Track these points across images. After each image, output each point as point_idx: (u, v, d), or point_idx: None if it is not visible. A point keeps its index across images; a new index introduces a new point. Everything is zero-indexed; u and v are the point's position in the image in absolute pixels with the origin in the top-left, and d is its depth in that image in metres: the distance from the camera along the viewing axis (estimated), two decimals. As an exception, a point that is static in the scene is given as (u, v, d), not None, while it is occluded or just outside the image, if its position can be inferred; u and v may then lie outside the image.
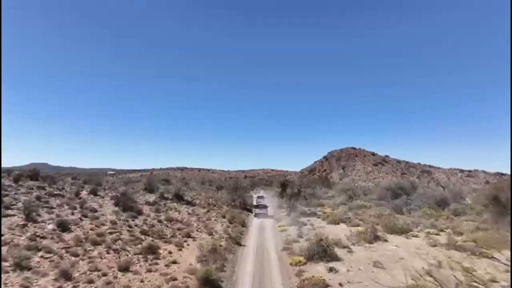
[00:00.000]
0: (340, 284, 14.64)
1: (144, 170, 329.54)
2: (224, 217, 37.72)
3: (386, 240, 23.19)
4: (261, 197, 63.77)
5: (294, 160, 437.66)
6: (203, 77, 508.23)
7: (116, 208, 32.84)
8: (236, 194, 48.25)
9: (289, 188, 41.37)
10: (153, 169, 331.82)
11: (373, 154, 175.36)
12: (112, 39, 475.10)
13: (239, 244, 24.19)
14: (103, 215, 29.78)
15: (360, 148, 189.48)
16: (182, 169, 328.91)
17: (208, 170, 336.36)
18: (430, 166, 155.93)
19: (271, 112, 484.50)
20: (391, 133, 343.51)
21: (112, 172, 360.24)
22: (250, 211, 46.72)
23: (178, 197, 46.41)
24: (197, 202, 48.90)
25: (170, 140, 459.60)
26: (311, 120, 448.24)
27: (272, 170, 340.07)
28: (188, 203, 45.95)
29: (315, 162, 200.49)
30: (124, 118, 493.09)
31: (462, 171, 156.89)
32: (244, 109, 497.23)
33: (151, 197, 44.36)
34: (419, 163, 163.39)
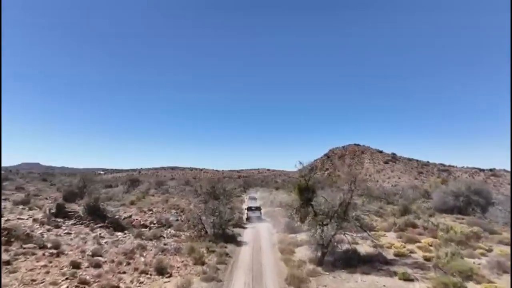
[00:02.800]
0: None
1: (133, 170, 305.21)
2: (162, 272, 14.38)
3: None
4: (253, 198, 55.95)
5: (290, 159, 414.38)
6: (196, 74, 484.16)
7: None
8: (214, 208, 24.39)
9: (317, 198, 17.39)
10: (141, 168, 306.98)
11: (380, 151, 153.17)
12: (102, 38, 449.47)
13: None
14: None
15: (364, 145, 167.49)
16: (173, 168, 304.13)
17: (201, 169, 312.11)
18: (442, 165, 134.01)
19: (266, 110, 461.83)
20: (389, 130, 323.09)
21: (102, 172, 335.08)
22: (235, 240, 23.16)
23: (95, 212, 22.99)
24: (136, 222, 25.43)
25: (164, 139, 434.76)
26: (308, 118, 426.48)
27: (268, 170, 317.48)
28: (114, 225, 22.47)
29: (315, 160, 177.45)
30: (119, 118, 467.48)
31: (481, 170, 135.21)
32: (238, 107, 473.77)
33: (36, 215, 21.00)
34: (428, 162, 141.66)
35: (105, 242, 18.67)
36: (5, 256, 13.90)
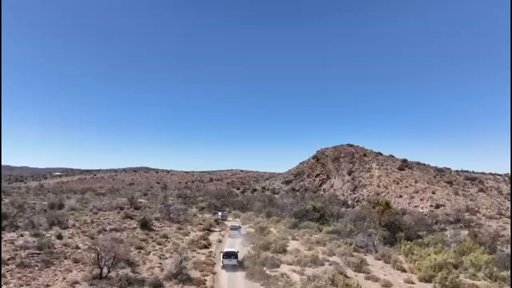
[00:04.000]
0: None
1: (89, 171, 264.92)
2: None
3: None
4: (235, 227, 43.99)
5: (265, 159, 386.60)
6: (171, 72, 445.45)
7: None
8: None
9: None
10: (98, 170, 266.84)
11: (380, 154, 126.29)
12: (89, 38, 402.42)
13: None
14: None
15: (358, 146, 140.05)
16: (136, 170, 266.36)
17: (168, 171, 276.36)
18: (464, 171, 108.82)
19: (237, 109, 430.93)
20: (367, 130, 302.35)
21: (59, 173, 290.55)
22: None
23: None
24: None
25: (134, 140, 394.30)
26: (286, 117, 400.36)
27: (242, 171, 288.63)
28: None
29: (301, 163, 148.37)
30: (89, 117, 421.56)
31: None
32: (211, 105, 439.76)
33: None
34: (445, 167, 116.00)
35: None
36: None
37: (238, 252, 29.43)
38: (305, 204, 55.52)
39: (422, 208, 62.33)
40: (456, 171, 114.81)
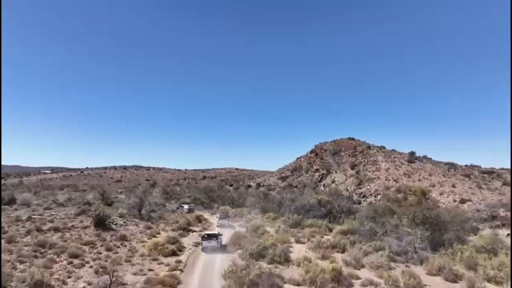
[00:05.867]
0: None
1: (77, 169, 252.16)
2: None
3: None
4: (224, 216, 44.40)
5: (261, 158, 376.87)
6: (162, 69, 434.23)
7: None
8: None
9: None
10: (86, 168, 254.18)
11: (383, 147, 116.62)
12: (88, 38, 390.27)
13: None
14: None
15: (359, 140, 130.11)
16: (126, 167, 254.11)
17: (160, 169, 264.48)
18: (475, 166, 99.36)
19: (235, 106, 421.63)
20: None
21: (47, 171, 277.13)
22: None
23: None
24: None
25: (127, 139, 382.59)
26: (280, 115, 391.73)
27: (236, 169, 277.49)
28: None
29: (298, 158, 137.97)
30: (81, 114, 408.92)
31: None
32: (204, 102, 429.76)
33: None
34: (453, 162, 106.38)
35: None
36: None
37: (221, 235, 28.76)
38: (308, 198, 45.39)
39: (443, 203, 52.54)
40: (466, 165, 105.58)
